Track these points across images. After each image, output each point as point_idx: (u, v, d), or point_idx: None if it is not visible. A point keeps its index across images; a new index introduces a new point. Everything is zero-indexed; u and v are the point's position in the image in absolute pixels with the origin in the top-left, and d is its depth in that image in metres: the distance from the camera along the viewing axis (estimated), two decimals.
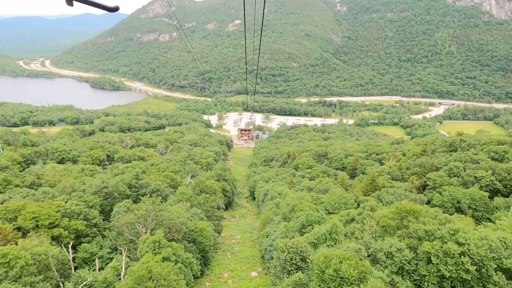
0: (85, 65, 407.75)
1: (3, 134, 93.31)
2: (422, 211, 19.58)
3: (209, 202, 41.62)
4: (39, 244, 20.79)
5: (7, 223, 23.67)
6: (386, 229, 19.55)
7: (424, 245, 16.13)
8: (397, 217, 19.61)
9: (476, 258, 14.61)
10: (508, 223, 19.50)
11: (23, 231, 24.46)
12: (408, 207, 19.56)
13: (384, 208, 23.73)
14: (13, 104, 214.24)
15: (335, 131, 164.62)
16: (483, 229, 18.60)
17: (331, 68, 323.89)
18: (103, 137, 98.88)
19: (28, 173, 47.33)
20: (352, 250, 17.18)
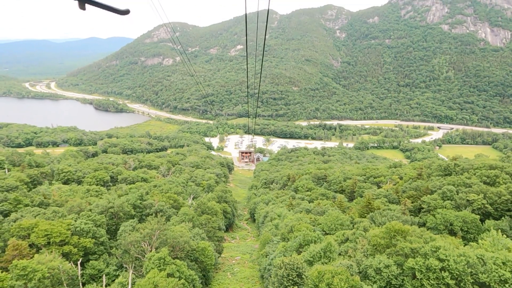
0: (89, 88, 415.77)
1: (10, 155, 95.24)
2: (410, 231, 21.11)
3: (210, 223, 42.96)
4: (53, 259, 22.24)
5: (21, 240, 25.16)
6: (377, 247, 21.02)
7: (409, 261, 17.62)
8: (387, 236, 21.13)
9: (455, 273, 16.09)
10: (489, 243, 20.97)
11: (36, 248, 25.90)
12: (397, 227, 21.12)
13: (376, 228, 25.22)
14: (18, 125, 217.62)
15: (335, 154, 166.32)
16: (463, 247, 20.07)
17: (331, 92, 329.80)
18: (107, 159, 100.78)
19: (36, 193, 48.92)
20: (343, 266, 18.64)
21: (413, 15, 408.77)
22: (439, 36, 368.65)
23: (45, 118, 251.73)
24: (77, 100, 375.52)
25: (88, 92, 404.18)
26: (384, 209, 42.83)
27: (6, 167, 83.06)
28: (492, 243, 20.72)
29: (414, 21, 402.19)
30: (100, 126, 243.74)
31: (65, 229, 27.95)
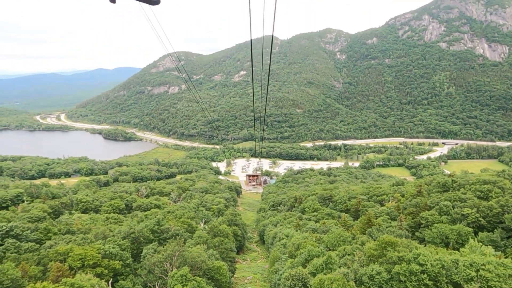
0: (98, 118, 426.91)
1: (28, 187, 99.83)
2: (398, 242, 24.35)
3: (223, 245, 46.16)
4: (91, 279, 25.81)
5: (59, 263, 28.81)
6: (371, 258, 24.24)
7: (395, 268, 20.84)
8: (379, 248, 24.39)
9: (432, 274, 19.28)
10: (468, 250, 24.03)
11: (73, 270, 29.48)
12: (387, 240, 24.40)
13: (372, 242, 28.41)
14: (30, 157, 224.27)
15: (340, 174, 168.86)
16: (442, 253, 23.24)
17: (334, 113, 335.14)
18: (120, 187, 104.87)
19: (59, 223, 52.71)
20: (341, 274, 21.95)
21: (410, 35, 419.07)
22: (438, 54, 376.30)
23: (57, 150, 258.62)
24: (86, 131, 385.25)
25: (97, 123, 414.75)
26: (386, 226, 45.81)
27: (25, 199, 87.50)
28: (470, 250, 23.79)
29: (412, 40, 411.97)
30: (110, 155, 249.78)
31: (96, 253, 31.55)
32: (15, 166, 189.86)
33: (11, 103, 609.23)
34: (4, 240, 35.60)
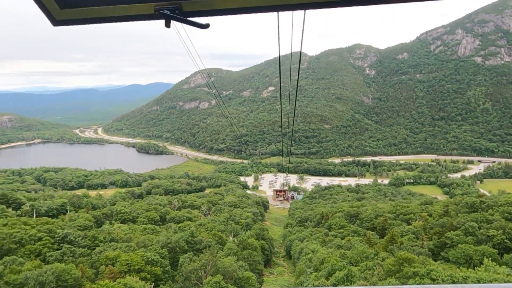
0: (132, 132, 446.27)
1: (70, 198, 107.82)
2: (415, 259, 26.33)
3: (251, 257, 49.05)
4: (138, 281, 29.60)
5: (111, 267, 32.93)
6: (389, 272, 26.36)
7: (409, 281, 22.96)
8: (397, 263, 26.50)
9: None
10: (483, 269, 25.49)
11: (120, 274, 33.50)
12: (405, 256, 26.46)
13: (391, 258, 30.37)
14: (70, 169, 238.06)
15: (369, 191, 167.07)
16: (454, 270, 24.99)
17: (363, 129, 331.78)
18: (154, 200, 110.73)
19: (103, 232, 57.79)
20: (360, 286, 24.32)
21: (443, 49, 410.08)
22: (473, 69, 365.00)
23: (94, 162, 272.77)
24: (121, 144, 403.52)
25: (131, 136, 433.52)
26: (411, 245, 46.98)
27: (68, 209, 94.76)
28: (485, 269, 25.25)
29: (444, 55, 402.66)
30: (143, 168, 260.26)
31: (140, 259, 35.52)
32: (57, 177, 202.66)
33: (53, 117, 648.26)
34: (60, 245, 40.50)
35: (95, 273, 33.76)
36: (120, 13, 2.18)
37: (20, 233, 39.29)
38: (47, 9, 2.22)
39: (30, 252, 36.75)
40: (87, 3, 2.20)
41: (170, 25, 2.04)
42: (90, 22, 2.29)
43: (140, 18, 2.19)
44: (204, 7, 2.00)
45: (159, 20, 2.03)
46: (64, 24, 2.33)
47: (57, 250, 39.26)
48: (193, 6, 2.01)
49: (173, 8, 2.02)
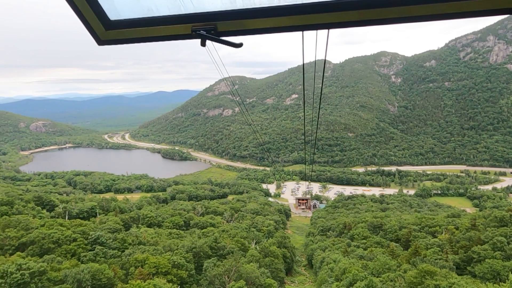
0: (158, 138, 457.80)
1: (100, 201, 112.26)
2: (437, 272, 26.37)
3: (273, 265, 49.79)
4: (165, 283, 31.13)
5: (140, 268, 34.71)
6: (410, 284, 26.53)
7: None
8: (419, 276, 26.64)
9: None
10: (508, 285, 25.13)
11: (149, 275, 35.21)
12: (427, 269, 26.57)
13: (413, 270, 30.39)
14: (99, 173, 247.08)
15: (394, 201, 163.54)
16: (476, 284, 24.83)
17: (389, 137, 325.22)
18: (178, 205, 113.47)
19: (131, 235, 60.24)
20: None
21: (473, 57, 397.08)
22: (505, 76, 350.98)
23: (121, 166, 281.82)
24: (147, 150, 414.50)
25: (156, 142, 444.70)
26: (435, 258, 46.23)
27: (97, 212, 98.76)
28: (510, 285, 24.89)
29: (475, 62, 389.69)
30: (167, 174, 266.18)
31: (167, 263, 37.17)
32: (86, 181, 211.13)
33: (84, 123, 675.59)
34: (93, 246, 42.91)
35: (125, 274, 35.65)
36: (160, 33, 2.41)
37: (57, 233, 41.99)
38: (93, 30, 2.48)
39: (66, 251, 39.24)
40: (130, 25, 2.44)
41: (205, 44, 2.34)
42: (131, 42, 2.54)
43: (178, 38, 2.41)
44: (237, 27, 2.24)
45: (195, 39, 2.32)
46: (108, 43, 2.57)
47: (90, 250, 41.64)
48: (227, 26, 2.24)
49: (208, 28, 2.24)
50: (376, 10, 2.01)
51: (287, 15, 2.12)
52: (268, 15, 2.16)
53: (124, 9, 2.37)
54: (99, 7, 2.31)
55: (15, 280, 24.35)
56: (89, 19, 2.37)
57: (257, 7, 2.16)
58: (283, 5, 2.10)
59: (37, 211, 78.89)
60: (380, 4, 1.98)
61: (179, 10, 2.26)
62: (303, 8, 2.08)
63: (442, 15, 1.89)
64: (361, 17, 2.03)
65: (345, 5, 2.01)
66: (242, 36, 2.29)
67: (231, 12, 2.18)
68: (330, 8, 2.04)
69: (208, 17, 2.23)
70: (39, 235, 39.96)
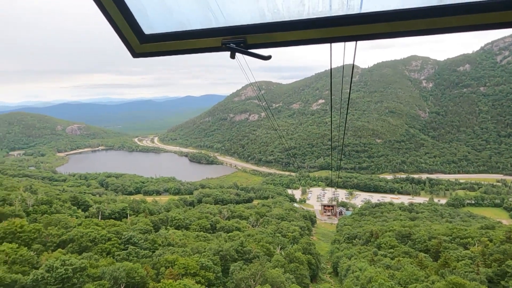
0: (185, 142, 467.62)
1: (130, 202, 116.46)
2: (466, 284, 25.96)
3: (298, 271, 50.12)
4: (194, 284, 32.41)
5: (171, 269, 36.26)
6: None
7: None
8: (447, 287, 26.38)
9: None
10: None
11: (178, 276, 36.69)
12: (455, 281, 26.23)
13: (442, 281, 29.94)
14: (129, 175, 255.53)
15: (423, 211, 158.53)
16: None
17: (419, 144, 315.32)
18: (205, 208, 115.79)
19: (160, 236, 62.46)
20: None
21: (511, 60, 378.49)
22: None
23: (150, 169, 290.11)
24: (175, 153, 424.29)
25: (184, 146, 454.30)
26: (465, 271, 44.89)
27: (128, 213, 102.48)
28: None
29: None
30: (194, 177, 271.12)
31: (195, 264, 38.55)
32: (117, 182, 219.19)
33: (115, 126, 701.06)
34: (126, 245, 45.11)
35: (156, 274, 37.35)
36: (191, 46, 2.48)
37: (94, 233, 44.55)
38: (129, 44, 2.61)
39: (102, 250, 41.55)
40: (163, 38, 2.56)
41: (235, 57, 2.43)
42: (164, 54, 2.65)
43: (208, 50, 2.47)
44: (266, 40, 2.33)
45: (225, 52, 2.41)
46: (142, 56, 2.69)
47: (124, 250, 43.82)
48: (256, 39, 2.33)
49: (238, 41, 2.33)
50: (405, 22, 2.01)
51: (315, 28, 2.17)
52: (296, 28, 2.21)
53: (158, 24, 2.49)
54: (135, 22, 2.45)
55: (60, 274, 26.43)
56: (126, 34, 2.52)
57: (286, 21, 2.22)
58: (312, 18, 2.15)
59: (73, 211, 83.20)
60: (408, 17, 1.98)
61: (210, 24, 2.34)
62: (332, 21, 2.12)
63: (471, 26, 1.84)
64: (389, 29, 2.05)
65: (373, 17, 2.04)
66: (271, 48, 2.35)
67: (260, 25, 2.26)
68: (359, 20, 2.07)
69: (238, 30, 2.31)
70: (77, 234, 42.61)
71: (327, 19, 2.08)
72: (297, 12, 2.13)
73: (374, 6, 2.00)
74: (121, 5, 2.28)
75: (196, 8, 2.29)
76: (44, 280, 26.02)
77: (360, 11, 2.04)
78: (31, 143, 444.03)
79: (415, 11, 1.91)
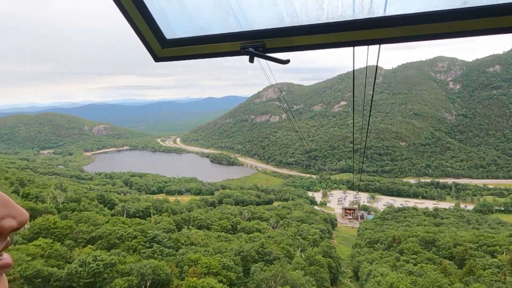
0: (207, 142, 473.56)
1: (154, 202, 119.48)
2: None
3: (318, 273, 50.27)
4: (216, 283, 33.35)
5: (194, 267, 37.40)
6: None
7: None
8: None
9: None
10: None
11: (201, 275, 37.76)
12: None
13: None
14: (152, 175, 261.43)
15: (449, 216, 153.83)
16: None
17: (445, 148, 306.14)
18: (226, 209, 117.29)
19: (182, 235, 64.03)
20: None
21: None
22: None
23: (172, 169, 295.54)
24: (196, 154, 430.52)
25: (205, 147, 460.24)
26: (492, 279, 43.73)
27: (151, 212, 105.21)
28: None
29: None
30: (215, 178, 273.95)
31: (217, 264, 39.55)
32: (141, 182, 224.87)
33: (139, 127, 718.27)
34: (151, 243, 46.75)
35: (180, 272, 38.59)
36: (211, 50, 2.51)
37: (121, 230, 46.45)
38: (151, 48, 2.65)
39: (129, 247, 43.29)
40: (184, 43, 2.59)
41: (253, 61, 2.45)
42: (184, 58, 2.67)
43: (227, 54, 2.47)
44: (285, 44, 2.28)
45: (244, 56, 2.40)
46: (163, 60, 2.73)
47: (149, 248, 45.46)
48: (275, 43, 2.31)
49: (257, 45, 2.31)
50: (429, 26, 1.91)
51: (335, 32, 2.10)
52: (316, 32, 2.15)
53: (179, 29, 2.52)
54: (156, 27, 2.48)
55: (92, 269, 28.04)
56: (148, 38, 2.54)
57: (304, 25, 2.16)
58: (332, 22, 2.09)
59: (100, 209, 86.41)
60: (433, 20, 1.88)
61: (229, 29, 2.34)
62: (353, 24, 2.05)
63: (497, 29, 1.77)
64: (414, 32, 1.95)
65: (397, 20, 1.95)
66: (290, 52, 2.31)
67: (279, 29, 2.24)
68: (382, 23, 1.98)
69: (257, 34, 2.30)
70: (106, 231, 44.59)
71: (347, 22, 2.04)
72: (316, 16, 2.11)
73: (396, 9, 1.94)
74: (144, 10, 2.32)
75: (216, 13, 2.30)
76: (78, 274, 27.69)
77: (384, 14, 1.98)
78: (60, 142, 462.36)
79: (439, 14, 1.84)
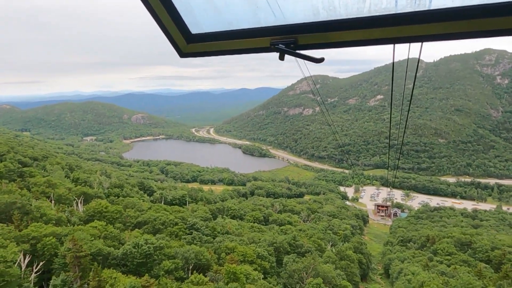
0: (240, 134, 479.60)
1: (189, 190, 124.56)
2: None
3: (349, 268, 51.54)
4: (252, 271, 35.77)
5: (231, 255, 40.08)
6: None
7: None
8: None
9: None
10: None
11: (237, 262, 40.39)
12: None
13: None
14: (187, 164, 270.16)
15: (489, 219, 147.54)
16: None
17: (488, 146, 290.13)
18: (258, 201, 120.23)
19: (218, 224, 67.34)
20: None
21: None
22: None
23: (205, 159, 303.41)
24: (229, 145, 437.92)
25: (238, 138, 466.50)
26: None
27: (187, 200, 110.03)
28: None
29: None
30: (247, 169, 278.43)
31: (252, 253, 42.02)
32: (176, 170, 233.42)
33: (174, 116, 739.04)
34: (190, 230, 50.10)
35: (217, 258, 41.49)
36: (238, 46, 2.47)
37: (164, 217, 50.16)
38: (176, 44, 2.67)
39: (171, 233, 46.83)
40: (210, 38, 2.56)
41: (284, 58, 2.37)
42: (210, 54, 2.65)
43: (255, 51, 2.44)
44: (319, 40, 2.17)
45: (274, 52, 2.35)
46: (189, 56, 2.74)
47: (188, 234, 48.80)
48: (308, 39, 2.20)
49: (288, 42, 2.24)
50: (481, 21, 1.70)
51: (377, 27, 1.91)
52: (355, 27, 1.96)
53: (205, 23, 2.40)
54: (182, 22, 2.36)
55: (144, 251, 31.34)
56: (173, 33, 2.44)
57: (343, 19, 1.97)
58: (374, 15, 1.90)
59: (140, 195, 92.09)
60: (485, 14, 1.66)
61: (258, 23, 2.20)
62: (397, 19, 1.85)
63: None
64: (462, 29, 1.75)
65: (446, 14, 1.74)
66: (325, 49, 2.14)
67: (314, 24, 2.05)
68: (429, 18, 1.78)
69: (288, 29, 2.13)
70: (151, 217, 48.45)
71: (392, 16, 1.85)
72: (356, 9, 1.92)
73: (445, 3, 1.73)
74: (168, 5, 2.21)
75: (244, 7, 2.15)
76: (132, 254, 31.05)
77: (429, 7, 1.77)
78: (101, 129, 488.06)
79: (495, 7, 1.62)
